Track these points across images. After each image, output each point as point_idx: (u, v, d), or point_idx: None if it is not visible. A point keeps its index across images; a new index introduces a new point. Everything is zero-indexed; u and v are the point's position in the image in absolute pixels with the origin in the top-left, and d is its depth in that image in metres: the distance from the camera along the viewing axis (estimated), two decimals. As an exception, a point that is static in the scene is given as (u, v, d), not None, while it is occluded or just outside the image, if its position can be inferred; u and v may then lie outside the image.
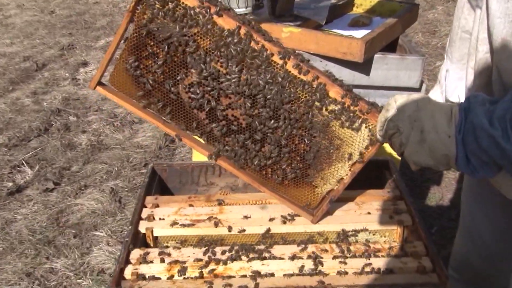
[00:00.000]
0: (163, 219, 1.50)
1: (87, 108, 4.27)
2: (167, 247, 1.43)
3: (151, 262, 1.35)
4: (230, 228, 1.45)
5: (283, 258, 1.36)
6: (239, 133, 1.39)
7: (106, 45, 5.65)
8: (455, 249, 1.72)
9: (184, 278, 1.30)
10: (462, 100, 1.40)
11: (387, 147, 1.98)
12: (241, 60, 1.31)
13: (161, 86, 1.36)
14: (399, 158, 2.05)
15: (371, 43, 1.93)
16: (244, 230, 1.45)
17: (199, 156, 2.16)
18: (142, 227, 1.47)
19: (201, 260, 1.35)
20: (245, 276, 1.29)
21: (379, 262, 1.33)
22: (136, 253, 1.38)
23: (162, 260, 1.36)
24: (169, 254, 1.38)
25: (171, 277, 1.30)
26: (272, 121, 1.37)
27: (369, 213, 1.51)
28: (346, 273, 1.29)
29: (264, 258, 1.36)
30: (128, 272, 1.31)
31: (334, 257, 1.35)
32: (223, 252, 1.38)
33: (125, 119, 4.05)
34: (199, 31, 1.30)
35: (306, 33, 1.99)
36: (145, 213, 1.53)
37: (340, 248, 1.39)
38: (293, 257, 1.35)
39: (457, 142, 1.03)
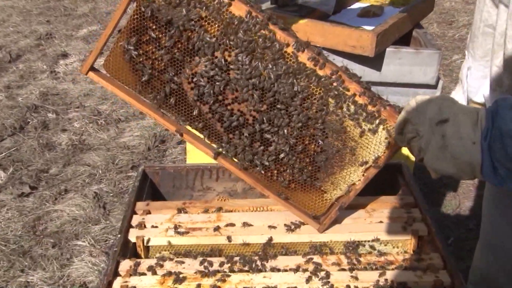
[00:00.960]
0: (156, 227, 1.52)
1: (67, 104, 4.28)
2: (160, 257, 1.45)
3: (143, 274, 1.38)
4: (229, 237, 1.47)
5: (286, 270, 1.38)
6: (244, 129, 1.40)
7: (88, 34, 5.67)
8: (475, 262, 1.74)
9: (178, 291, 1.32)
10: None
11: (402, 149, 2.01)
12: (252, 50, 1.33)
13: (161, 75, 1.37)
14: (413, 161, 2.07)
15: (383, 36, 1.96)
16: (244, 240, 1.47)
17: (194, 158, 2.19)
18: (132, 235, 1.49)
19: (197, 272, 1.37)
20: (245, 289, 1.31)
21: (392, 276, 1.35)
22: (125, 265, 1.40)
23: (155, 272, 1.38)
24: (162, 266, 1.40)
25: (164, 291, 1.32)
26: (282, 118, 1.38)
27: (380, 221, 1.54)
28: (356, 287, 1.31)
29: (266, 270, 1.38)
30: (116, 285, 1.33)
31: (343, 270, 1.38)
32: (222, 264, 1.40)
33: (110, 117, 4.07)
34: (208, 16, 1.31)
35: (311, 25, 2.01)
36: (135, 220, 1.55)
37: (349, 259, 1.41)
38: (297, 269, 1.38)
39: (482, 149, 1.03)
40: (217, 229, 1.50)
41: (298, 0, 2.24)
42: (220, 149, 1.43)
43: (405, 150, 1.93)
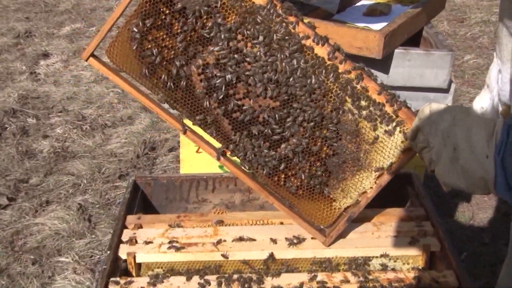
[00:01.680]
0: (148, 242, 1.54)
1: (49, 109, 4.29)
2: (153, 276, 1.46)
3: (135, 293, 1.39)
4: (227, 253, 1.49)
5: (289, 289, 1.40)
6: (253, 127, 1.42)
7: (71, 32, 5.68)
8: (502, 282, 1.73)
9: (173, 312, 1.33)
10: None
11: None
12: (270, 41, 1.36)
13: (169, 65, 1.38)
14: (423, 169, 2.10)
15: (391, 36, 1.99)
16: (243, 256, 1.49)
17: (188, 168, 2.20)
18: (123, 252, 1.50)
19: (193, 291, 1.38)
20: (245, 309, 1.33)
21: (402, 294, 1.37)
22: (115, 284, 1.41)
23: (147, 291, 1.39)
24: (155, 285, 1.41)
25: (158, 311, 1.33)
26: (295, 116, 1.40)
27: (389, 235, 1.55)
28: (364, 306, 1.33)
29: (268, 289, 1.39)
30: (107, 306, 1.34)
31: (350, 288, 1.39)
32: (219, 283, 1.41)
33: (95, 122, 4.08)
34: (226, 3, 1.34)
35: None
36: (126, 235, 1.56)
37: (356, 277, 1.43)
38: (301, 287, 1.39)
39: (496, 164, 1.03)
40: (214, 244, 1.52)
41: (300, -3, 2.26)
42: (227, 148, 1.44)
43: (415, 158, 1.95)
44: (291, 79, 1.37)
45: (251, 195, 1.82)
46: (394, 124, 1.39)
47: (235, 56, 1.36)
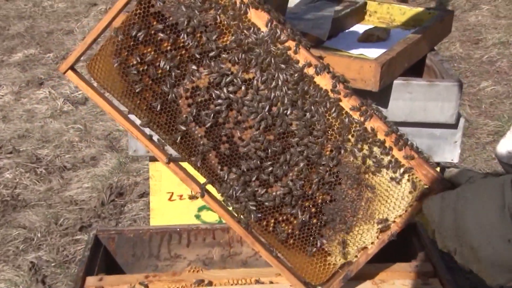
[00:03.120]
0: (111, 307, 1.55)
1: (-4, 149, 4.30)
2: None
3: None
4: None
5: None
6: (243, 162, 1.46)
7: (24, 60, 5.73)
8: None
9: None
10: None
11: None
12: (267, 66, 1.42)
13: (155, 85, 1.45)
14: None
15: (389, 65, 2.05)
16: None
17: (159, 218, 2.23)
18: (82, 319, 1.52)
19: None
20: None
21: None
22: None
23: None
24: None
25: None
26: (291, 153, 1.45)
27: (391, 295, 1.58)
28: None
29: None
30: None
31: None
32: None
33: (52, 164, 4.09)
34: (222, 22, 1.42)
35: (303, 52, 2.11)
36: (85, 300, 1.58)
37: None
38: None
39: None
40: (188, 309, 1.53)
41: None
42: (212, 184, 1.49)
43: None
44: (288, 111, 1.43)
45: (232, 249, 1.85)
46: (401, 170, 1.42)
47: (230, 80, 1.43)
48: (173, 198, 2.20)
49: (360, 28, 2.58)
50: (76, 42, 5.99)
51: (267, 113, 1.43)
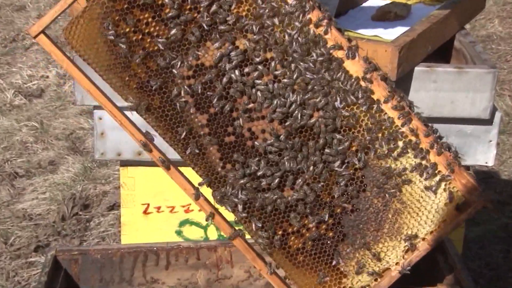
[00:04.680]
0: None
1: None
2: None
3: None
4: None
5: None
6: (250, 159, 1.46)
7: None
8: None
9: None
10: None
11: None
12: (285, 49, 1.41)
13: (150, 59, 1.43)
14: (460, 233, 2.13)
15: (409, 49, 2.04)
16: None
17: (132, 235, 2.21)
18: None
19: None
20: None
21: None
22: None
23: None
24: None
25: None
26: (309, 152, 1.45)
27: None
28: None
29: None
30: None
31: None
32: None
33: (1, 170, 4.07)
34: None
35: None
36: (42, 335, 1.57)
37: None
38: None
39: None
40: None
41: None
42: (209, 185, 1.48)
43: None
44: (311, 100, 1.43)
45: (220, 272, 1.84)
46: (437, 178, 1.43)
47: (242, 60, 1.43)
48: (149, 210, 2.18)
49: (374, 3, 2.56)
50: (29, 21, 5.94)
51: (283, 99, 1.43)
